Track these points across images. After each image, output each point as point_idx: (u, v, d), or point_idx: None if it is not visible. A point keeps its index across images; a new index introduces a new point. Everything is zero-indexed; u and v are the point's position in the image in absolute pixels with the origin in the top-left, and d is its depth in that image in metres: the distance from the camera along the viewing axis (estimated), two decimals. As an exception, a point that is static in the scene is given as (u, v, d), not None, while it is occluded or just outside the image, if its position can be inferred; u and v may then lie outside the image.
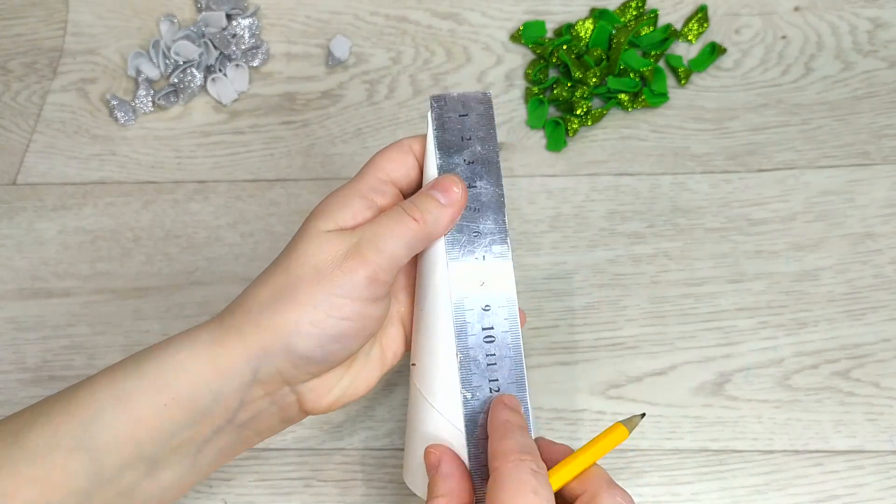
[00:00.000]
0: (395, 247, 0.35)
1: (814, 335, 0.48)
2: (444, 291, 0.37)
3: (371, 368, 0.39)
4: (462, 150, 0.39)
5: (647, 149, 0.56)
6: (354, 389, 0.38)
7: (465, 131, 0.39)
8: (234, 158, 0.58)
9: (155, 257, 0.54)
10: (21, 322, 0.52)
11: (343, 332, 0.35)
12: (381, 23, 0.63)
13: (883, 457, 0.44)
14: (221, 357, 0.34)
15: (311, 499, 0.45)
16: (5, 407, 0.48)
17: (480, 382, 0.37)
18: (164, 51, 0.61)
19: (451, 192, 0.37)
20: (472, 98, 0.39)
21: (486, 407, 0.37)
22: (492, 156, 0.39)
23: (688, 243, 0.52)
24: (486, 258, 0.38)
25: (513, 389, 0.37)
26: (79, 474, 0.33)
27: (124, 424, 0.34)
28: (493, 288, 0.37)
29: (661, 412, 0.46)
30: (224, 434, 0.36)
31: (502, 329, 0.37)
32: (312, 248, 0.35)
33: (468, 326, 0.37)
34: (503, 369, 0.37)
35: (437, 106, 0.39)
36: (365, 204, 0.37)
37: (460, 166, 0.38)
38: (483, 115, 0.39)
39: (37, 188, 0.58)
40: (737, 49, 0.60)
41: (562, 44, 0.59)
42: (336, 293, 0.34)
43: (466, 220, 0.38)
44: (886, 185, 0.53)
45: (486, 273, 0.37)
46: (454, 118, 0.39)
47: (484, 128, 0.39)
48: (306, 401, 0.37)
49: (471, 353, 0.37)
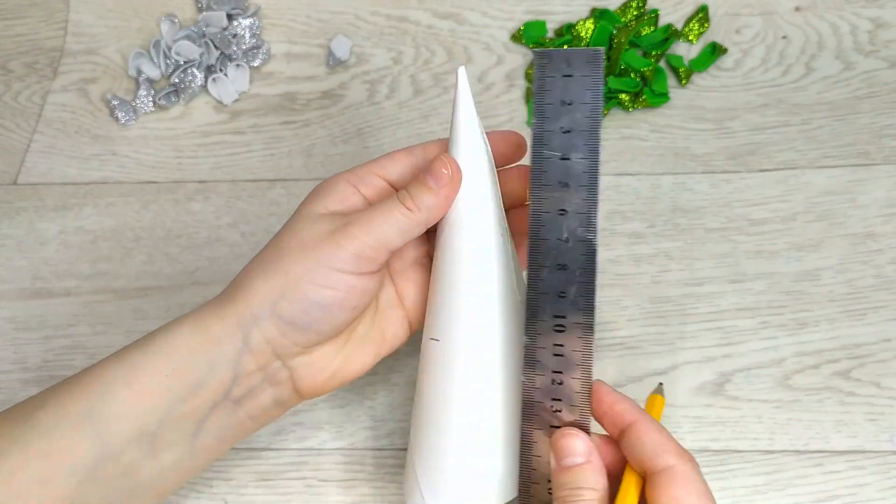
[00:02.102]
0: (386, 231, 0.36)
1: (814, 335, 0.48)
2: (465, 268, 0.37)
3: (366, 349, 0.39)
4: (559, 116, 0.35)
5: (647, 149, 0.56)
6: (348, 369, 0.38)
7: (567, 95, 0.35)
8: (234, 158, 0.58)
9: (156, 257, 0.54)
10: (22, 322, 0.52)
11: (326, 300, 0.36)
12: (382, 23, 0.63)
13: (883, 457, 0.44)
14: (215, 325, 0.36)
15: (311, 498, 0.45)
16: (6, 406, 0.48)
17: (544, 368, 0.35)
18: (164, 51, 0.61)
19: (440, 176, 0.36)
20: (580, 55, 0.35)
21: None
22: (593, 125, 0.35)
23: (688, 243, 0.52)
24: (569, 241, 0.35)
25: (577, 386, 0.35)
26: (84, 449, 0.34)
27: (128, 397, 0.35)
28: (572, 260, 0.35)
29: (662, 412, 0.46)
30: (220, 411, 0.36)
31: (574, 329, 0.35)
32: (300, 226, 0.37)
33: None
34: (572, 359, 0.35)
35: (541, 64, 0.35)
36: (349, 190, 0.38)
37: (555, 133, 0.35)
38: (589, 77, 0.35)
39: (38, 188, 0.58)
40: (737, 49, 0.60)
41: (562, 44, 0.59)
42: (321, 263, 0.35)
43: (555, 194, 0.35)
44: (887, 185, 0.53)
45: (565, 259, 0.35)
46: (557, 79, 0.35)
47: (589, 92, 0.35)
48: (298, 378, 0.37)
49: (539, 341, 0.35)
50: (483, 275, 0.37)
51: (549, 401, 0.35)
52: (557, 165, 0.35)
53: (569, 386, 0.35)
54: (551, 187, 0.35)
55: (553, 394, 0.35)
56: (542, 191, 0.35)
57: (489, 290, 0.37)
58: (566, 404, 0.35)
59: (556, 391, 0.35)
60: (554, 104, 0.35)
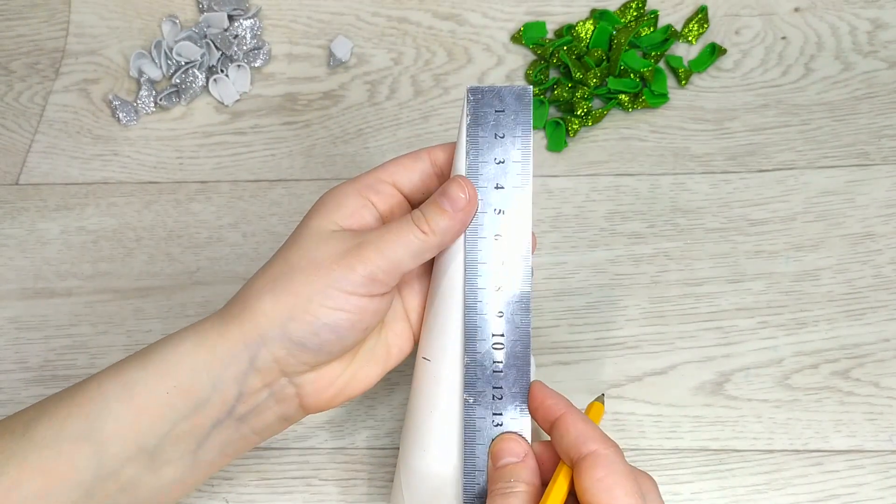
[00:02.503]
0: (399, 254, 0.35)
1: (814, 335, 0.48)
2: (459, 288, 0.37)
3: (373, 365, 0.39)
4: (493, 147, 0.37)
5: (647, 149, 0.56)
6: (354, 386, 0.38)
7: (500, 128, 0.37)
8: (235, 159, 0.58)
9: (157, 257, 0.54)
10: (23, 322, 0.52)
11: (338, 323, 0.35)
12: (383, 24, 0.63)
13: (883, 456, 0.44)
14: (220, 345, 0.35)
15: (312, 498, 0.45)
16: (8, 406, 0.49)
17: (484, 388, 0.37)
18: (166, 51, 0.61)
19: (457, 199, 0.36)
20: (510, 92, 0.37)
21: (487, 413, 0.37)
22: (525, 156, 0.37)
23: (688, 243, 0.52)
24: (505, 265, 0.37)
25: (518, 398, 0.37)
26: (82, 466, 0.34)
27: (128, 414, 0.34)
28: (508, 275, 0.37)
29: (661, 412, 0.46)
30: (223, 429, 0.36)
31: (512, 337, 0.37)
32: (312, 244, 0.36)
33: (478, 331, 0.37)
34: (509, 378, 0.37)
35: (474, 99, 0.37)
36: (360, 202, 0.37)
37: (489, 164, 0.37)
38: (520, 112, 0.37)
39: (39, 188, 0.58)
40: (737, 50, 0.60)
41: (562, 44, 0.59)
42: (333, 285, 0.34)
43: (489, 222, 0.37)
44: (886, 185, 0.54)
45: (503, 255, 0.37)
46: (490, 113, 0.37)
47: (519, 127, 0.37)
48: (305, 395, 0.37)
49: (477, 359, 0.37)
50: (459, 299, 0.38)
51: (490, 416, 0.37)
52: (492, 194, 0.37)
53: (508, 398, 0.37)
54: (487, 214, 0.37)
55: (494, 408, 0.37)
56: (478, 217, 0.37)
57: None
58: (507, 417, 0.37)
59: (497, 406, 0.37)
60: (487, 137, 0.37)
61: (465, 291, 0.37)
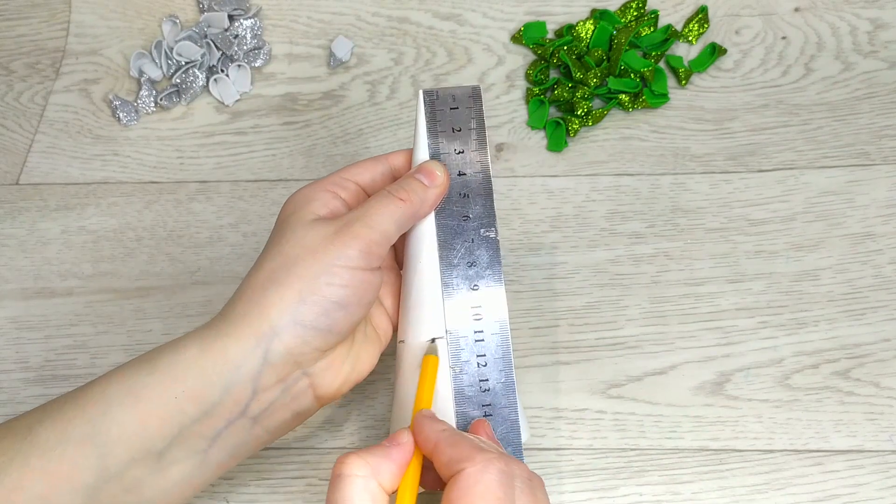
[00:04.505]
0: (385, 223, 0.37)
1: (814, 335, 0.48)
2: (433, 271, 0.40)
3: (370, 347, 0.40)
4: (453, 140, 0.41)
5: (647, 149, 0.56)
6: (360, 368, 0.39)
7: (456, 123, 0.41)
8: (236, 159, 0.58)
9: (157, 257, 0.54)
10: (24, 321, 0.52)
11: (344, 299, 0.36)
12: (383, 24, 0.63)
13: (883, 456, 0.45)
14: (231, 347, 0.35)
15: (312, 498, 0.45)
16: (8, 406, 0.49)
17: (469, 357, 0.39)
18: (166, 51, 0.61)
19: (434, 175, 0.39)
20: (462, 91, 0.42)
21: (474, 380, 0.39)
22: (481, 145, 0.41)
23: (688, 243, 0.52)
24: (474, 241, 0.40)
25: (500, 364, 0.39)
26: (86, 469, 0.34)
27: (134, 418, 0.34)
28: (482, 279, 0.40)
29: (662, 412, 0.46)
30: (236, 429, 0.36)
31: (492, 331, 0.39)
32: (300, 233, 0.37)
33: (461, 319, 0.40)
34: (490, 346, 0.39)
35: (429, 100, 0.41)
36: (329, 195, 0.39)
37: (451, 155, 0.41)
38: (472, 109, 0.41)
39: (40, 188, 0.58)
40: (737, 50, 0.60)
41: (562, 44, 0.59)
42: (335, 263, 0.36)
43: (456, 206, 0.40)
44: (886, 185, 0.54)
45: (474, 256, 0.40)
46: (445, 111, 0.41)
47: (473, 120, 0.41)
48: (319, 384, 0.38)
49: (460, 331, 0.39)
50: (435, 283, 0.40)
51: (477, 382, 0.39)
52: (456, 181, 0.41)
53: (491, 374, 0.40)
54: (453, 199, 0.40)
55: (480, 375, 0.39)
56: (446, 203, 0.40)
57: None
58: (492, 381, 0.40)
59: (483, 372, 0.40)
60: (446, 131, 0.41)
61: (441, 271, 0.39)
